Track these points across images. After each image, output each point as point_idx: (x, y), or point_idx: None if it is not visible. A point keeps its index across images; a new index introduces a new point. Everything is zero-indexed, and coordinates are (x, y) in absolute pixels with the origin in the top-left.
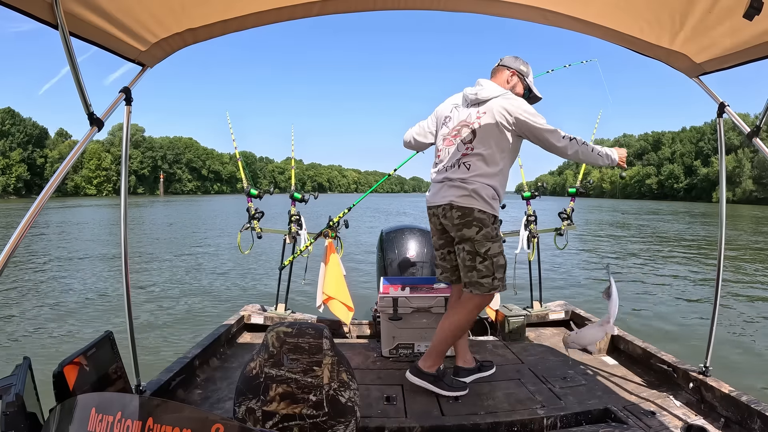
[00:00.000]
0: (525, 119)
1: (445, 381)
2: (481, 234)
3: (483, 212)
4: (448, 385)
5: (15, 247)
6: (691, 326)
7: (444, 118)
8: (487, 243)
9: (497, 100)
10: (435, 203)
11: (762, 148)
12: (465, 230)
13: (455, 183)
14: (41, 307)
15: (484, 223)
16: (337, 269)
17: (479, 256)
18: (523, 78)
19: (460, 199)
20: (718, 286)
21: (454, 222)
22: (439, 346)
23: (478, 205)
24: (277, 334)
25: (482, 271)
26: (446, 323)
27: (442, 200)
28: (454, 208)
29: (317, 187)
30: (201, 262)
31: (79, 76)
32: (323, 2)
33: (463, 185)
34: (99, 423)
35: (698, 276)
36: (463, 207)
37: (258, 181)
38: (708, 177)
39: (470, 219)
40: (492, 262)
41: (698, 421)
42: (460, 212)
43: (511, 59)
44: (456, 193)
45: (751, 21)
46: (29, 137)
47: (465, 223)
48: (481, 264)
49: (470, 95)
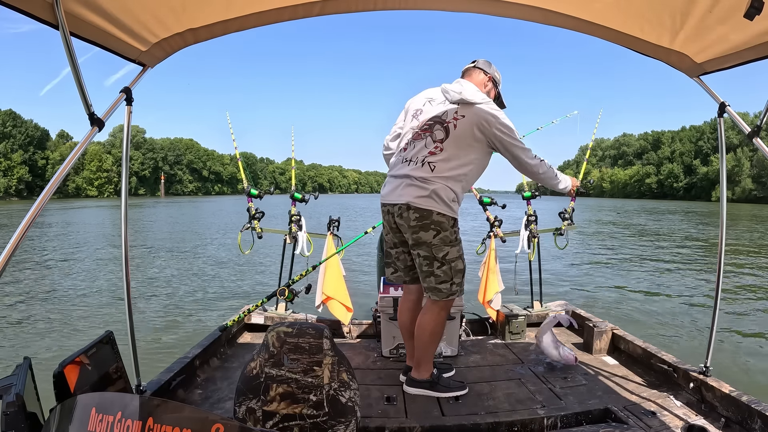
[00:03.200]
0: (502, 136)
1: (441, 384)
2: (439, 238)
3: (442, 215)
4: (446, 387)
5: (16, 247)
6: (691, 326)
7: (415, 110)
8: (445, 247)
9: (481, 108)
10: (391, 201)
11: (762, 148)
12: (422, 233)
13: (414, 182)
14: (42, 307)
15: (443, 226)
16: (337, 269)
17: (437, 261)
18: (496, 85)
19: (418, 200)
20: (718, 286)
21: (411, 224)
22: (423, 354)
23: (438, 208)
24: (278, 334)
25: (440, 276)
26: (419, 332)
27: (399, 199)
28: (412, 209)
29: (318, 187)
30: (201, 262)
31: (79, 77)
32: (324, 2)
33: (423, 185)
34: (99, 423)
35: (698, 276)
36: (421, 209)
37: (259, 182)
38: (707, 176)
39: (428, 222)
40: (450, 267)
41: (699, 421)
42: (418, 214)
43: (486, 64)
44: (415, 193)
45: (752, 21)
46: (30, 139)
47: (422, 225)
48: (438, 269)
49: (453, 92)
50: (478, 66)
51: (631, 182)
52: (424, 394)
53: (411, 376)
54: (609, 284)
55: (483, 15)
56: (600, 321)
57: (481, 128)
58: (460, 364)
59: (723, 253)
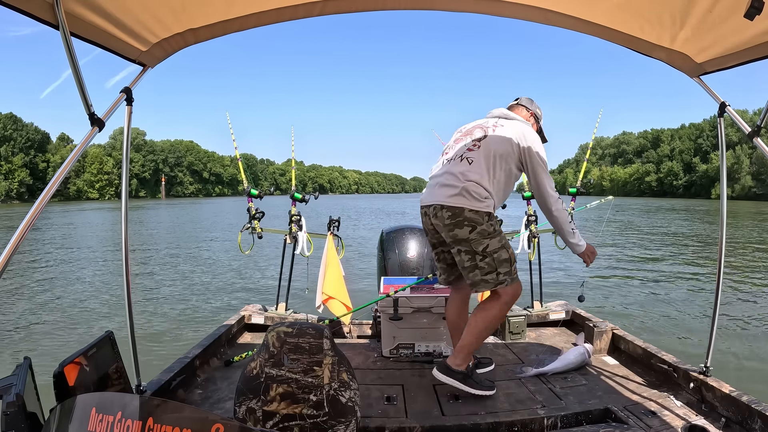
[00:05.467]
0: (534, 154)
1: (474, 378)
2: (476, 233)
3: (474, 211)
4: (477, 383)
5: (16, 247)
6: (691, 326)
7: (461, 128)
8: (484, 240)
9: (520, 124)
10: (426, 203)
11: (762, 148)
12: (457, 230)
13: (447, 181)
14: (42, 308)
15: (477, 221)
16: (337, 269)
17: (478, 255)
18: (537, 120)
19: (449, 199)
20: (718, 286)
21: (445, 222)
22: (469, 345)
23: (469, 205)
24: (278, 334)
25: (484, 268)
26: (474, 321)
27: (433, 200)
28: (444, 208)
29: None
30: (202, 262)
31: (80, 77)
32: (324, 2)
33: (454, 183)
34: (99, 423)
35: (699, 275)
36: (453, 207)
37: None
38: (707, 174)
39: (461, 219)
40: (493, 258)
41: (699, 421)
42: (450, 212)
43: (528, 101)
44: (446, 192)
45: (752, 21)
46: (31, 142)
47: (456, 223)
48: (481, 261)
49: (496, 110)
50: (521, 103)
51: (630, 180)
52: (452, 385)
53: (446, 362)
54: (609, 284)
55: (483, 15)
56: (600, 321)
57: (518, 140)
58: None
59: (723, 253)
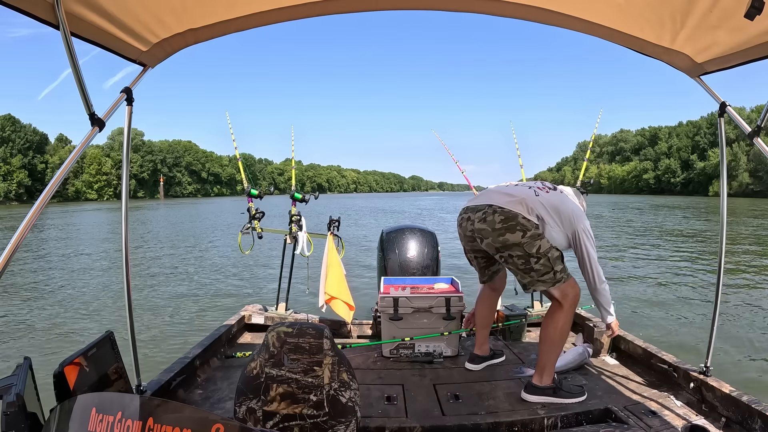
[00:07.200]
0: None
1: (564, 389)
2: (528, 236)
3: (527, 219)
4: (568, 392)
5: (16, 248)
6: (691, 326)
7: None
8: (536, 242)
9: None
10: (473, 204)
11: (763, 148)
12: (508, 234)
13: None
14: (42, 308)
15: (527, 227)
16: (339, 269)
17: (533, 257)
18: None
19: (506, 204)
20: (718, 286)
21: (495, 226)
22: (548, 359)
23: (523, 212)
24: (278, 334)
25: (540, 270)
26: (546, 334)
27: (487, 200)
28: (497, 211)
29: (317, 187)
30: (201, 262)
31: (80, 77)
32: (324, 2)
33: (515, 194)
34: (99, 423)
35: (699, 275)
36: (506, 210)
37: (258, 183)
38: (704, 171)
39: (513, 224)
40: (547, 258)
41: (699, 421)
42: (503, 216)
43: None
44: (504, 199)
45: (752, 20)
46: (29, 143)
47: (508, 227)
48: (537, 263)
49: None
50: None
51: (628, 178)
52: (547, 402)
53: (532, 383)
54: (609, 283)
55: (483, 15)
56: (600, 321)
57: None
58: (459, 364)
59: (723, 253)
